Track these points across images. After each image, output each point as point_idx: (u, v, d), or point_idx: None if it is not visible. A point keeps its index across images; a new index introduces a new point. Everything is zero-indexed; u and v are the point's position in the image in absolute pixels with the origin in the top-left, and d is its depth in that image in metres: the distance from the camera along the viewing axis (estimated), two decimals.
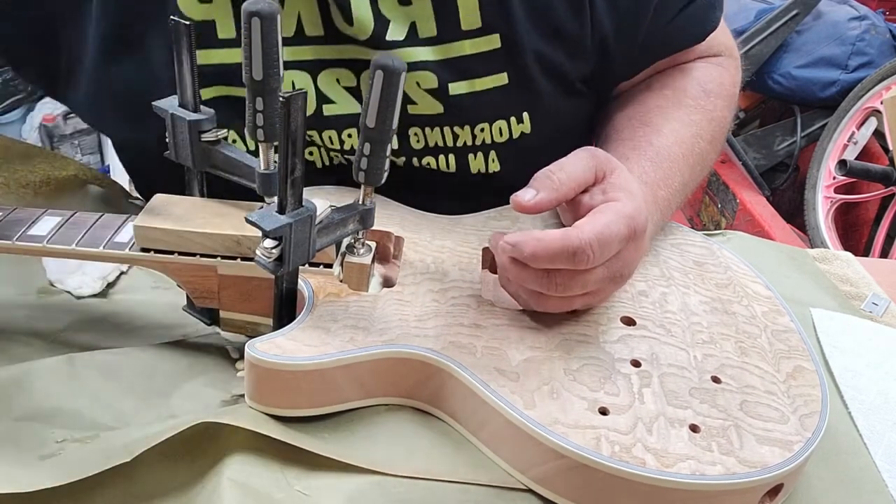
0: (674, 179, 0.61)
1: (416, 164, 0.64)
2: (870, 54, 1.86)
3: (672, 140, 0.63)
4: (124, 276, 0.63)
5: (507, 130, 0.64)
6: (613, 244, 0.47)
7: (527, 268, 0.48)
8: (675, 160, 0.62)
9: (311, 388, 0.46)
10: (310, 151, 0.64)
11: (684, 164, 0.63)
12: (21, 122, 2.51)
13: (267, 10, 0.44)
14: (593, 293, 0.50)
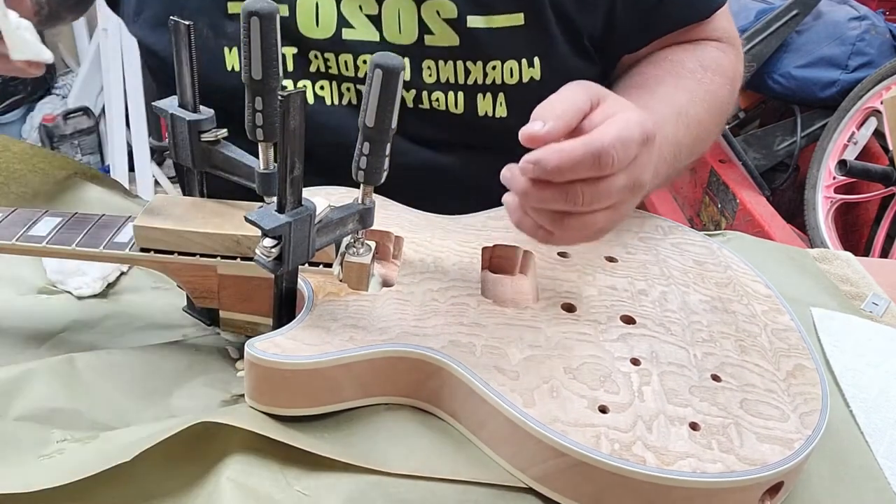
0: (664, 129, 0.61)
1: (426, 102, 0.66)
2: (870, 54, 1.85)
3: (665, 101, 0.65)
4: (124, 276, 0.63)
5: (518, 72, 0.66)
6: (633, 146, 0.46)
7: (549, 186, 0.46)
8: (667, 116, 0.63)
9: (310, 388, 0.46)
10: (321, 86, 0.66)
11: (678, 122, 0.63)
12: (21, 122, 2.51)
13: (266, 10, 0.44)
14: (615, 207, 0.49)
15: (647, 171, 0.49)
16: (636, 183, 0.49)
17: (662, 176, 0.62)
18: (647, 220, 0.65)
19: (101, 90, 2.50)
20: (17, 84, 2.48)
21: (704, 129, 0.67)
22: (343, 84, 0.66)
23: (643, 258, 0.59)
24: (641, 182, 0.49)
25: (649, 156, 0.49)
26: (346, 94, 0.66)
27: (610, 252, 0.60)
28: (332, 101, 0.67)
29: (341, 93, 0.66)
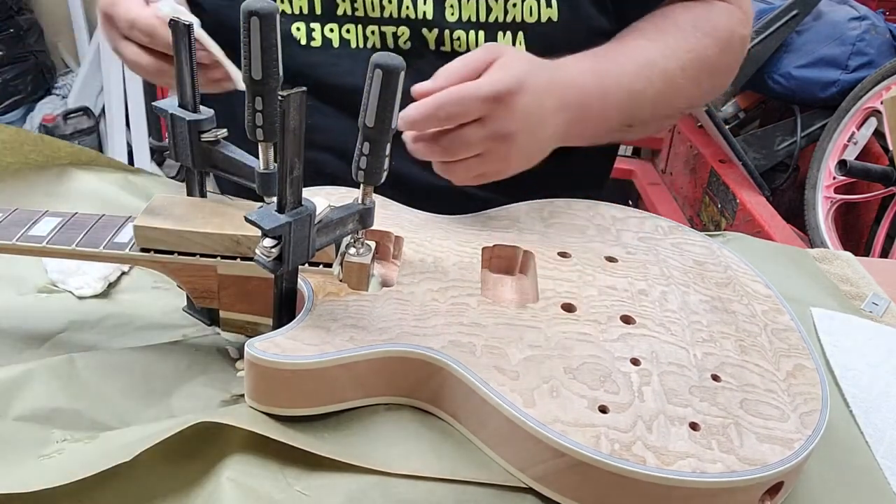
0: (618, 78, 0.64)
1: (447, 44, 0.68)
2: (870, 54, 1.85)
3: (630, 53, 0.67)
4: (125, 276, 0.63)
5: (537, 11, 0.68)
6: (472, 102, 0.53)
7: (424, 139, 0.54)
8: (624, 67, 0.65)
9: (310, 388, 0.46)
10: (347, 29, 0.69)
11: (638, 74, 0.65)
12: (21, 123, 2.51)
13: (266, 10, 0.44)
14: (485, 155, 0.56)
15: (509, 124, 0.55)
16: (498, 134, 0.55)
17: (608, 122, 0.66)
18: (647, 220, 0.65)
19: (101, 90, 2.50)
20: (18, 84, 2.48)
21: (675, 86, 0.68)
22: (368, 27, 0.69)
23: (643, 258, 0.59)
24: (506, 133, 0.55)
25: (511, 111, 0.55)
26: (370, 37, 0.69)
27: (610, 252, 0.60)
28: (356, 45, 0.70)
29: (366, 36, 0.69)
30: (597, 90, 0.63)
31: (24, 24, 2.48)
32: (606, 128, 0.66)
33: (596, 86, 0.63)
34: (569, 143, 0.64)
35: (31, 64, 2.52)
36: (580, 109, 0.63)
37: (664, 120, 0.72)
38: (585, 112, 0.63)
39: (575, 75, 0.63)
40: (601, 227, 0.63)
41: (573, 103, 0.62)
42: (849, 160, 1.70)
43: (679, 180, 2.30)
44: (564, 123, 0.61)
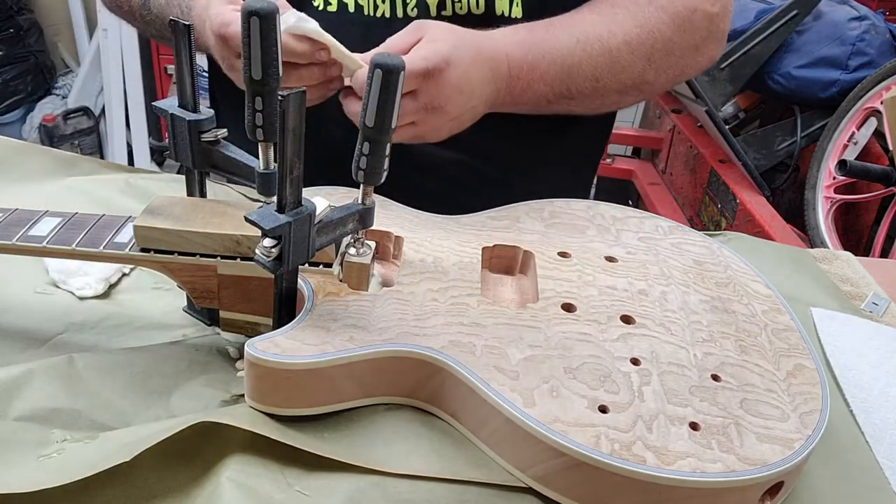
0: (550, 51, 0.66)
1: (449, 8, 0.71)
2: (870, 54, 1.85)
3: (570, 27, 0.68)
4: (125, 276, 0.63)
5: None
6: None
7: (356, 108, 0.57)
8: (560, 38, 0.67)
9: (310, 388, 0.46)
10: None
11: (575, 47, 0.67)
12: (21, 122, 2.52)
13: (266, 10, 0.44)
14: (418, 123, 0.60)
15: (438, 98, 0.59)
16: (430, 106, 0.59)
17: (539, 92, 0.67)
18: (647, 220, 0.65)
19: (101, 90, 2.50)
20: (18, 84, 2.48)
21: (619, 60, 0.69)
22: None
23: (643, 258, 0.59)
24: (437, 105, 0.59)
25: (437, 86, 0.58)
26: (381, 5, 0.72)
27: (610, 252, 0.60)
28: (368, 12, 0.72)
29: (376, 4, 0.72)
30: (524, 62, 0.65)
31: (24, 24, 2.48)
32: (538, 98, 0.68)
33: (523, 58, 0.65)
34: (500, 110, 0.67)
35: (31, 64, 2.52)
36: (507, 80, 0.65)
37: (616, 95, 0.72)
38: (513, 83, 0.65)
39: (502, 47, 0.65)
40: (601, 227, 0.63)
41: (500, 74, 0.64)
42: (849, 160, 1.70)
43: (679, 180, 2.30)
44: (493, 93, 0.64)
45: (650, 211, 0.75)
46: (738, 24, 2.01)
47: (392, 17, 0.72)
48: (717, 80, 2.00)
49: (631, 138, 2.57)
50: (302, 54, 0.58)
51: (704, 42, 0.73)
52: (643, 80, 0.71)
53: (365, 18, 0.72)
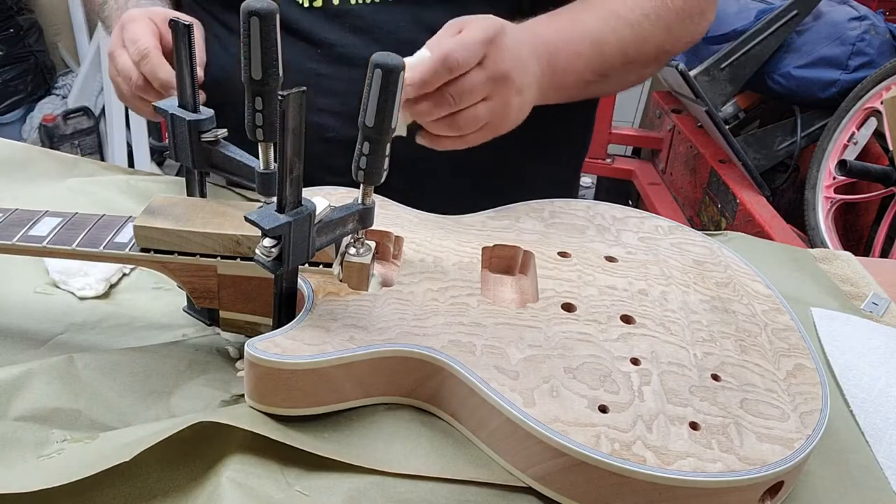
0: (581, 31, 0.67)
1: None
2: (870, 54, 1.85)
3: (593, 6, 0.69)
4: (125, 276, 0.63)
5: None
6: (474, 45, 0.55)
7: (428, 98, 0.55)
8: (586, 20, 0.68)
9: (310, 388, 0.46)
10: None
11: (603, 25, 0.68)
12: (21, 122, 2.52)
13: (266, 10, 0.44)
14: (490, 99, 0.58)
15: (504, 63, 0.57)
16: (497, 74, 0.57)
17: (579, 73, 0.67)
18: (647, 220, 0.65)
19: (101, 90, 2.50)
20: (18, 84, 2.48)
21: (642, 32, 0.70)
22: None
23: (643, 258, 0.59)
24: (502, 72, 0.57)
25: (504, 51, 0.57)
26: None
27: (610, 252, 0.60)
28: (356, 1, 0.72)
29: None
30: (562, 42, 0.66)
31: (24, 24, 2.48)
32: (578, 79, 0.68)
33: (559, 38, 0.66)
34: (548, 99, 0.66)
35: (31, 64, 2.52)
36: (550, 58, 0.64)
37: (641, 69, 0.73)
38: (554, 61, 0.65)
39: (537, 29, 0.65)
40: (601, 227, 0.63)
41: (542, 53, 0.64)
42: (849, 160, 1.70)
43: (679, 180, 2.30)
44: (540, 72, 0.63)
45: (650, 211, 0.75)
46: (738, 24, 2.01)
47: (381, 3, 0.72)
48: (717, 80, 2.00)
49: (631, 138, 2.57)
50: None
51: (709, 5, 0.75)
52: (663, 50, 0.73)
53: (351, 8, 0.73)
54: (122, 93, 0.69)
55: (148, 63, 0.64)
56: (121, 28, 0.68)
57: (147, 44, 0.64)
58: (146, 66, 0.64)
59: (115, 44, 0.68)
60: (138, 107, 0.70)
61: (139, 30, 0.66)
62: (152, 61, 0.64)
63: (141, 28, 0.66)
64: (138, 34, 0.65)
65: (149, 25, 0.67)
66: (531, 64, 0.61)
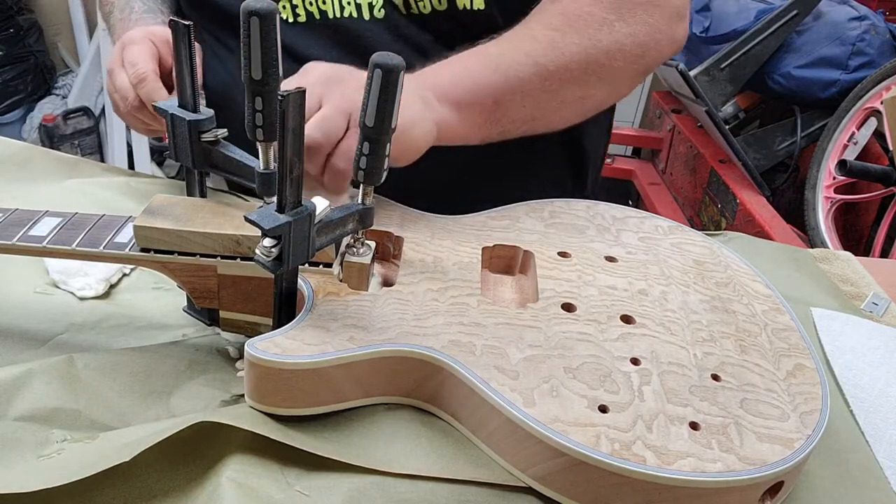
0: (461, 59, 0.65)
1: (415, 7, 0.71)
2: (870, 54, 1.85)
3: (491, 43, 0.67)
4: (125, 276, 0.63)
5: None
6: (332, 119, 0.54)
7: (324, 172, 0.56)
8: (475, 52, 0.66)
9: (310, 388, 0.46)
10: (323, 1, 0.72)
11: (492, 47, 0.66)
12: (21, 122, 2.52)
13: (266, 10, 0.44)
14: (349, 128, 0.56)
15: (345, 91, 0.56)
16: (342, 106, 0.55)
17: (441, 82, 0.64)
18: (646, 220, 0.65)
19: (101, 90, 2.50)
20: (18, 84, 2.48)
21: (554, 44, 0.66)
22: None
23: (643, 258, 0.59)
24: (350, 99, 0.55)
25: (341, 86, 0.56)
26: (346, 7, 0.73)
27: (610, 252, 0.60)
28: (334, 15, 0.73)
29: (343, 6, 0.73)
30: (445, 68, 0.63)
31: (24, 24, 2.48)
32: (486, 96, 0.64)
33: (441, 70, 0.63)
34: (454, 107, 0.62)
35: (31, 64, 2.52)
36: (435, 88, 0.62)
37: (582, 84, 0.68)
38: (442, 87, 0.62)
39: (422, 72, 0.63)
40: (601, 227, 0.63)
41: (423, 87, 0.61)
42: (849, 160, 1.70)
43: (679, 180, 2.30)
44: (422, 102, 0.60)
45: (650, 211, 0.75)
46: (738, 24, 2.02)
47: (359, 18, 0.73)
48: (717, 80, 2.00)
49: (631, 138, 2.57)
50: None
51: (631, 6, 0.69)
52: (594, 59, 0.67)
53: (332, 22, 0.73)
54: (119, 110, 0.71)
55: (144, 87, 0.66)
56: (121, 48, 0.70)
57: (145, 68, 0.66)
58: (143, 90, 0.66)
59: (115, 62, 0.70)
60: (133, 124, 0.72)
61: (138, 53, 0.68)
62: (149, 86, 0.66)
63: (140, 51, 0.68)
64: (137, 58, 0.67)
65: (149, 49, 0.68)
66: (410, 100, 0.58)
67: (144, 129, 0.72)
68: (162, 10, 0.81)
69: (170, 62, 0.70)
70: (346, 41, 0.73)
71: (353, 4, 0.72)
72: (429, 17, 0.72)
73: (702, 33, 2.13)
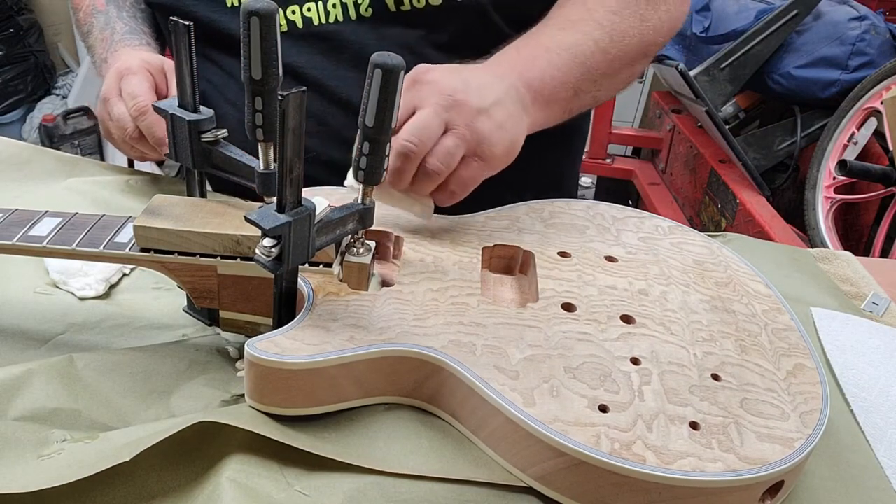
0: (548, 47, 0.65)
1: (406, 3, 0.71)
2: (870, 54, 1.85)
3: (553, 23, 0.68)
4: (125, 277, 0.63)
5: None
6: (428, 126, 0.54)
7: (414, 183, 0.55)
8: (550, 35, 0.66)
9: (310, 387, 0.46)
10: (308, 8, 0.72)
11: (570, 33, 0.66)
12: (21, 122, 2.52)
13: (266, 10, 0.44)
14: (467, 160, 0.56)
15: (466, 118, 0.55)
16: (467, 136, 0.55)
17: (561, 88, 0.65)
18: (646, 220, 0.65)
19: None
20: (17, 84, 2.48)
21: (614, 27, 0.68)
22: (329, 2, 0.72)
23: (643, 258, 0.59)
24: (473, 130, 0.56)
25: (461, 110, 0.55)
26: (332, 11, 0.72)
27: (610, 252, 0.60)
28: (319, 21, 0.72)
29: (328, 11, 0.72)
30: (531, 61, 0.63)
31: (24, 24, 2.48)
32: (566, 89, 0.65)
33: (528, 60, 0.63)
34: (543, 119, 0.64)
35: (31, 64, 2.52)
36: (525, 82, 0.62)
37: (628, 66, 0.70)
38: (530, 82, 0.62)
39: (502, 60, 0.63)
40: (601, 227, 0.63)
41: (513, 81, 0.61)
42: (849, 160, 1.70)
43: (679, 180, 2.30)
44: (518, 100, 0.60)
45: (650, 211, 0.75)
46: (738, 24, 2.02)
47: (345, 21, 0.72)
48: (717, 80, 2.00)
49: (631, 138, 2.57)
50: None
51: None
52: (646, 42, 0.70)
53: (317, 29, 0.72)
54: (113, 138, 0.72)
55: (146, 120, 0.66)
56: (118, 77, 0.70)
57: (146, 101, 0.66)
58: (143, 123, 0.67)
59: (111, 92, 0.70)
60: (128, 152, 0.72)
61: (137, 85, 0.68)
62: (150, 119, 0.66)
63: (140, 83, 0.68)
64: (136, 90, 0.68)
65: (148, 80, 0.69)
66: (503, 98, 0.59)
67: (139, 158, 0.73)
68: (144, 30, 0.81)
69: (164, 91, 0.71)
70: (331, 47, 0.73)
71: (339, 6, 0.72)
72: (419, 13, 0.72)
73: (702, 33, 2.13)
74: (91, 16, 0.83)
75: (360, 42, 0.73)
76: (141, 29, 0.81)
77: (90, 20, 0.84)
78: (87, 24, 0.84)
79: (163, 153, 0.69)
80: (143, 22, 0.83)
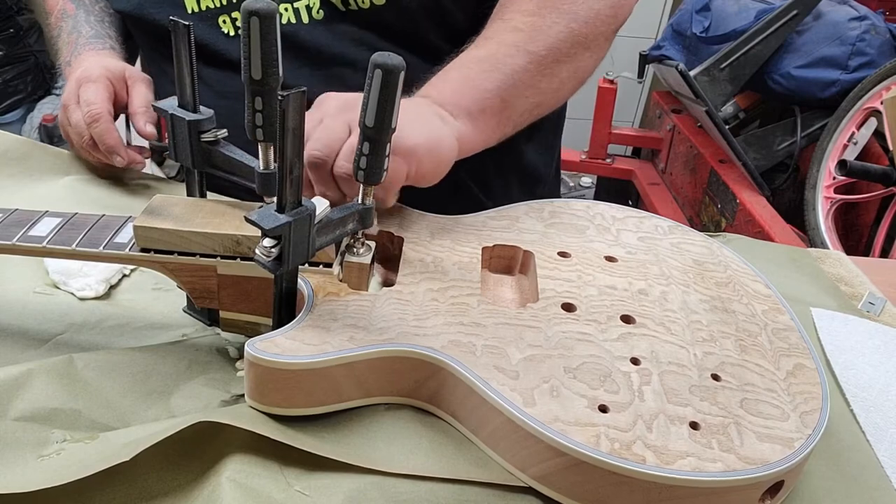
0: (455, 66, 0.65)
1: (352, 2, 0.72)
2: (870, 54, 1.85)
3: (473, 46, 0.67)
4: (125, 277, 0.63)
5: None
6: (329, 126, 0.54)
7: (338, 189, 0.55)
8: (463, 57, 0.65)
9: (310, 388, 0.46)
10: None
11: (477, 50, 0.66)
12: (21, 123, 2.52)
13: (266, 10, 0.44)
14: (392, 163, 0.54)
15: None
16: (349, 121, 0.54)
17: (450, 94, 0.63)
18: (646, 220, 0.65)
19: None
20: (17, 84, 2.48)
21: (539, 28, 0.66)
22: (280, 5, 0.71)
23: (643, 258, 0.59)
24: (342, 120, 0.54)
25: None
26: (284, 14, 0.72)
27: (610, 252, 0.60)
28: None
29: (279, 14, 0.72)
30: (444, 76, 0.63)
31: (24, 24, 2.48)
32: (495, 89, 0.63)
33: (435, 77, 0.63)
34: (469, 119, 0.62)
35: (31, 64, 2.52)
36: (437, 92, 0.61)
37: (566, 58, 0.68)
38: (443, 92, 0.62)
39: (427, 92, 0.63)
40: (601, 227, 0.63)
41: (425, 94, 0.61)
42: (849, 160, 1.70)
43: (679, 180, 2.30)
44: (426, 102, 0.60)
45: (650, 211, 0.75)
46: (738, 24, 2.02)
47: (298, 23, 0.72)
48: (717, 80, 2.00)
49: (631, 138, 2.57)
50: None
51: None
52: (576, 32, 0.67)
53: (284, 30, 0.71)
54: (72, 143, 0.74)
55: (97, 127, 0.68)
56: (77, 84, 0.71)
57: (100, 109, 0.68)
58: (95, 130, 0.68)
59: (71, 99, 0.72)
60: (86, 158, 0.75)
61: (93, 93, 0.69)
62: (101, 126, 0.68)
63: (96, 90, 0.70)
64: (92, 98, 0.69)
65: (106, 88, 0.70)
66: (408, 105, 0.57)
67: (96, 161, 0.75)
68: (109, 34, 0.82)
69: (124, 99, 0.73)
70: (300, 49, 0.73)
71: (291, 10, 0.72)
72: (369, 13, 0.72)
73: (702, 33, 2.13)
74: (61, 20, 0.84)
75: (316, 42, 0.73)
76: (106, 33, 0.82)
77: (60, 24, 0.84)
78: (57, 28, 0.85)
79: (116, 162, 0.71)
80: (109, 26, 0.84)
